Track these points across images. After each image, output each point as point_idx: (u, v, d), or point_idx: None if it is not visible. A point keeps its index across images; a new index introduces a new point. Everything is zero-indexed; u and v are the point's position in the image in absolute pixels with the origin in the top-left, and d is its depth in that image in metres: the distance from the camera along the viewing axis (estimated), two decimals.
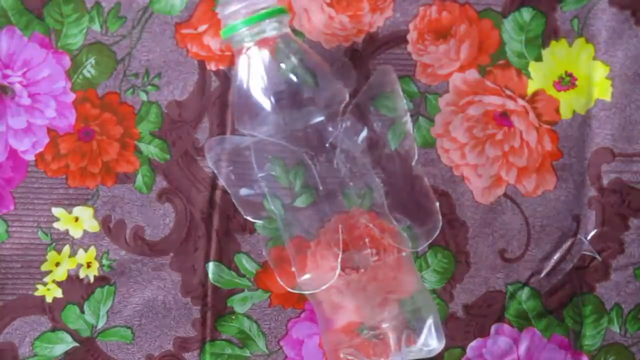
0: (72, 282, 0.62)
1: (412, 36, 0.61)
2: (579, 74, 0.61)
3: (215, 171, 0.59)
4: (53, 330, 0.62)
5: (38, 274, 0.61)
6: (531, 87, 0.61)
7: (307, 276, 0.54)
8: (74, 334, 0.62)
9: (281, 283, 0.55)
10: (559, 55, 0.61)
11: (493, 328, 0.62)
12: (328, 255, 0.53)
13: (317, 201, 0.55)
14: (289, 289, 0.55)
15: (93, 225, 0.61)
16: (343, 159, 0.55)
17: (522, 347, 0.61)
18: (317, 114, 0.54)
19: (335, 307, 0.55)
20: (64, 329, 0.62)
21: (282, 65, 0.53)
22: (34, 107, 0.60)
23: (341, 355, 0.54)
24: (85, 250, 0.61)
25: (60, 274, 0.61)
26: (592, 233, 0.61)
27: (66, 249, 0.61)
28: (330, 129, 0.55)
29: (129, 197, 0.61)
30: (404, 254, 0.55)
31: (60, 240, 0.61)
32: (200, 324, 0.62)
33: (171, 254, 0.61)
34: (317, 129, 0.54)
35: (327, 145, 0.55)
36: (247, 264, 0.61)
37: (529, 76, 0.61)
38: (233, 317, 0.62)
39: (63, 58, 0.61)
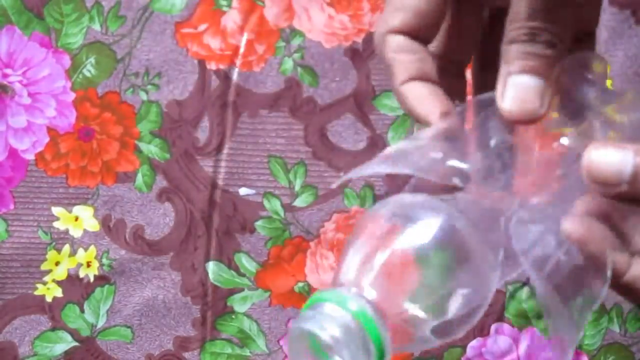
0: (72, 282, 0.61)
1: None
2: None
3: None
4: (53, 329, 0.62)
5: (38, 273, 0.61)
6: None
7: None
8: (74, 333, 0.62)
9: None
10: None
11: (493, 327, 0.62)
12: None
13: None
14: None
15: (93, 225, 0.61)
16: None
17: (522, 347, 0.61)
18: None
19: None
20: (64, 328, 0.62)
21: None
22: (34, 106, 0.60)
23: None
24: (85, 250, 0.61)
25: (60, 273, 0.61)
26: None
27: (66, 248, 0.61)
28: None
29: (129, 196, 0.61)
30: None
31: (60, 239, 0.61)
32: (200, 323, 0.62)
33: (171, 253, 0.61)
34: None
35: None
36: (247, 263, 0.61)
37: None
38: (233, 316, 0.62)
39: (63, 57, 0.61)
